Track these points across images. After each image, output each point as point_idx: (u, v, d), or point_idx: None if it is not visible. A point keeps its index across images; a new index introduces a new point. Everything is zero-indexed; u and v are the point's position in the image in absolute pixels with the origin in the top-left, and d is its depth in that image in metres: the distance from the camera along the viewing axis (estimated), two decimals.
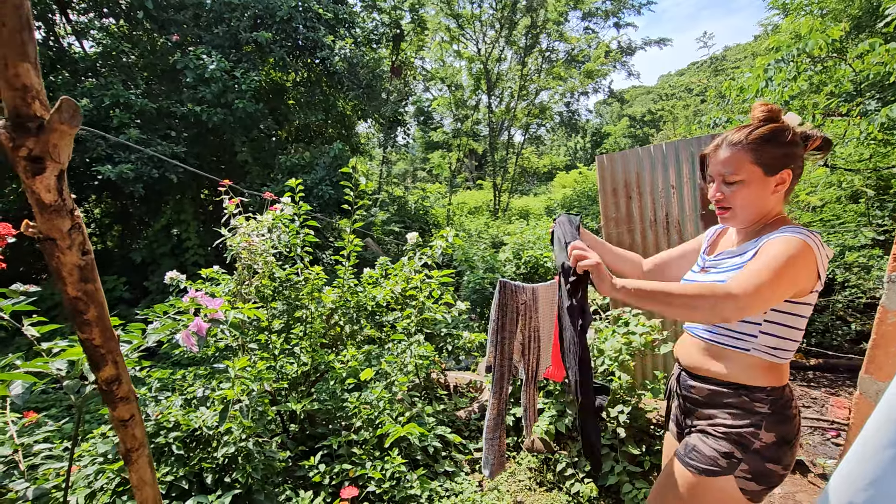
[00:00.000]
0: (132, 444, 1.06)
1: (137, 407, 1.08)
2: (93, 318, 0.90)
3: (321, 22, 8.47)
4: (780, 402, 1.14)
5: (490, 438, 1.94)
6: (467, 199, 17.47)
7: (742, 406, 1.15)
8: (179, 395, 2.24)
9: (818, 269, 1.07)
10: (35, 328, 1.43)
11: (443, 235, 2.98)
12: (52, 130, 0.72)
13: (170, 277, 2.61)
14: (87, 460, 1.89)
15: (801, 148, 1.15)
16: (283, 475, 2.38)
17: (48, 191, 0.76)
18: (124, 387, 1.02)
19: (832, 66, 4.97)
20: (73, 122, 0.73)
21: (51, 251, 0.81)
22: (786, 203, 1.23)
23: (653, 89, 34.76)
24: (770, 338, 1.13)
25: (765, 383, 1.14)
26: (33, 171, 0.73)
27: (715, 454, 1.15)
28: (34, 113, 0.70)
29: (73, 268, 0.84)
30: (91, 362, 0.96)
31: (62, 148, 0.75)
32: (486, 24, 15.41)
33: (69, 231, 0.81)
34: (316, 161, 8.47)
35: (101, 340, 0.93)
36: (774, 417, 1.13)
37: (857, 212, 5.22)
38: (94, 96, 6.54)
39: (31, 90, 0.69)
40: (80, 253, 0.84)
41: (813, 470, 2.75)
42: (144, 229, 8.44)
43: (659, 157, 3.55)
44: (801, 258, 1.05)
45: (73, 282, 0.85)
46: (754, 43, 19.88)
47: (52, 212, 0.78)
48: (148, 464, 1.11)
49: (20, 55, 0.67)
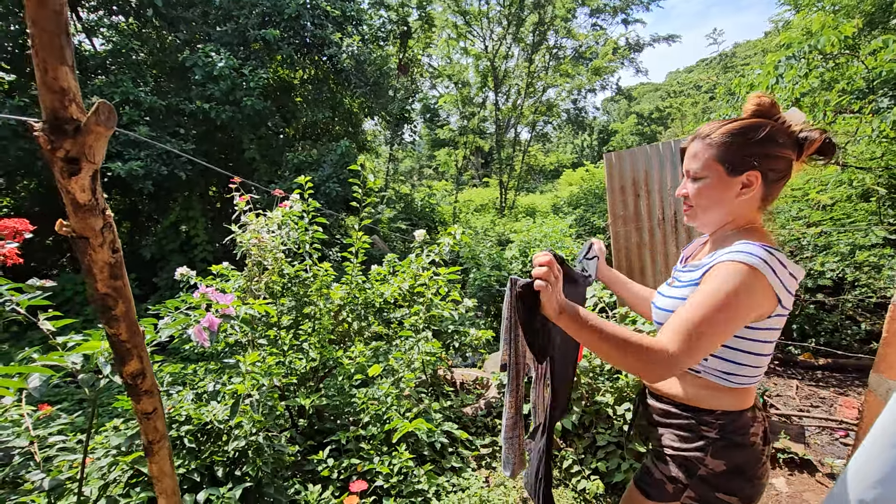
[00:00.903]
0: (154, 437, 1.09)
1: (160, 400, 1.11)
2: (121, 314, 0.92)
3: (329, 19, 8.49)
4: (730, 428, 1.04)
5: (509, 437, 1.95)
6: (473, 196, 17.45)
7: (689, 428, 1.08)
8: (191, 390, 2.27)
9: (775, 292, 0.94)
10: (50, 322, 1.46)
11: (450, 233, 2.99)
12: (88, 132, 0.73)
13: (180, 273, 2.64)
14: (100, 452, 1.92)
15: (787, 149, 1.01)
16: (292, 469, 2.41)
17: (83, 191, 0.77)
18: (148, 381, 1.05)
19: (844, 62, 4.92)
20: (109, 123, 0.75)
21: (83, 249, 0.83)
22: (763, 212, 1.09)
23: (661, 86, 34.50)
24: (722, 362, 1.03)
25: (715, 406, 1.06)
26: (70, 172, 0.74)
27: (662, 478, 1.10)
28: (71, 115, 0.72)
29: (103, 265, 0.86)
30: (117, 356, 0.98)
31: (97, 149, 0.76)
32: (493, 21, 15.36)
33: (101, 229, 0.83)
34: (323, 158, 8.51)
35: (128, 335, 0.96)
36: (722, 443, 1.03)
37: (868, 210, 5.17)
38: (104, 94, 6.60)
39: (68, 93, 0.71)
40: (110, 251, 0.86)
41: (821, 469, 2.74)
42: (153, 226, 8.53)
43: (668, 155, 3.53)
44: (744, 290, 0.92)
45: (103, 278, 0.87)
46: (765, 39, 19.66)
47: (86, 211, 0.80)
48: (168, 456, 1.14)
49: (59, 59, 0.68)
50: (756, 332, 0.99)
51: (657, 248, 3.65)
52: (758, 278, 0.92)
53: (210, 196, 8.90)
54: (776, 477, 2.69)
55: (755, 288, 0.92)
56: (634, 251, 3.74)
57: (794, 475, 2.69)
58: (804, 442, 2.92)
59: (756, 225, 1.07)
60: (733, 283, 0.91)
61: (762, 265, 0.92)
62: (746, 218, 1.07)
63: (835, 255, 4.67)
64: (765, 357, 1.02)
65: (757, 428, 1.05)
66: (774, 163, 1.00)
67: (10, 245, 1.51)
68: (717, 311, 0.90)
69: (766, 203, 1.06)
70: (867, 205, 5.29)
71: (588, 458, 2.69)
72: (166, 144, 6.73)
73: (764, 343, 1.00)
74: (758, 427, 1.06)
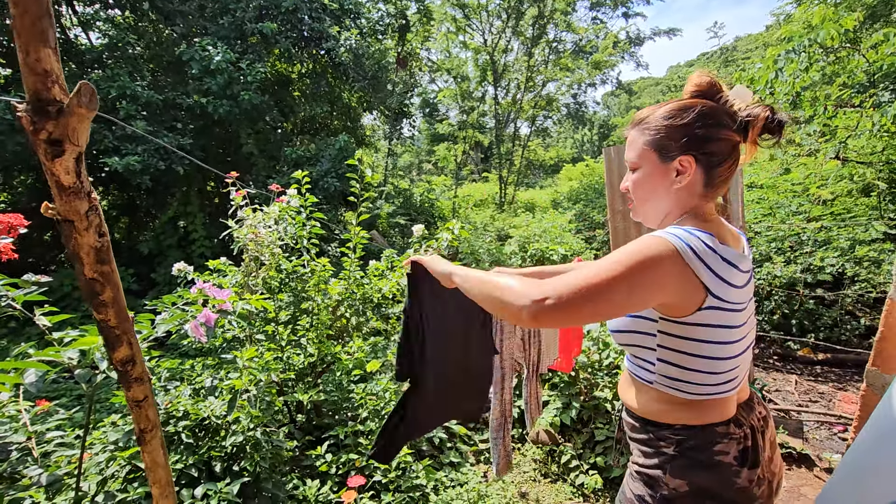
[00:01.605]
0: (145, 425, 1.08)
1: (150, 388, 1.11)
2: (108, 300, 0.92)
3: (327, 13, 8.43)
4: (688, 444, 0.91)
5: (495, 438, 1.95)
6: (473, 191, 17.41)
7: (649, 444, 0.97)
8: (188, 385, 2.26)
9: (697, 277, 0.81)
10: (46, 318, 1.45)
11: (449, 228, 2.98)
12: (71, 114, 0.73)
13: (177, 269, 2.62)
14: (98, 448, 1.92)
15: (726, 130, 0.90)
16: (290, 464, 2.41)
17: (67, 173, 0.78)
18: (138, 367, 1.04)
19: (845, 56, 4.89)
20: (91, 105, 0.75)
21: (69, 233, 0.83)
22: (709, 199, 0.96)
23: (661, 80, 34.36)
24: (667, 366, 0.92)
25: (672, 420, 0.94)
26: (53, 154, 0.75)
27: (632, 497, 0.98)
28: (54, 97, 0.72)
29: (90, 249, 0.86)
30: (106, 343, 0.98)
31: (81, 131, 0.77)
32: (492, 15, 15.27)
33: (87, 213, 0.83)
34: (321, 153, 8.48)
35: (117, 321, 0.96)
36: (682, 462, 0.91)
37: (868, 205, 5.16)
38: (101, 88, 6.56)
39: (51, 75, 0.71)
40: (96, 234, 0.86)
41: (819, 464, 2.74)
42: (151, 221, 8.51)
43: None
44: (650, 260, 0.79)
45: (90, 262, 0.87)
46: (766, 33, 19.56)
47: (71, 194, 0.80)
48: (160, 446, 1.14)
49: (41, 41, 0.69)
50: (692, 330, 0.87)
51: None
52: (670, 254, 0.80)
53: (208, 191, 8.87)
54: None
55: (664, 262, 0.80)
56: None
57: (792, 470, 2.70)
58: (803, 437, 2.92)
59: (698, 211, 0.95)
60: (639, 248, 0.81)
61: (678, 242, 0.81)
62: (688, 207, 0.95)
63: (835, 250, 4.66)
64: (720, 362, 0.89)
65: (728, 446, 0.91)
66: (712, 145, 0.90)
67: (4, 240, 1.50)
68: (623, 268, 0.78)
69: (711, 189, 0.94)
70: (867, 199, 5.28)
71: (587, 452, 2.70)
72: (163, 139, 6.70)
73: (711, 344, 0.87)
74: (730, 445, 0.91)
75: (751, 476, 0.91)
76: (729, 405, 0.95)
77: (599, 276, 0.77)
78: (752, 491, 0.91)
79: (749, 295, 0.92)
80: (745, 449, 0.93)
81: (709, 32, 56.11)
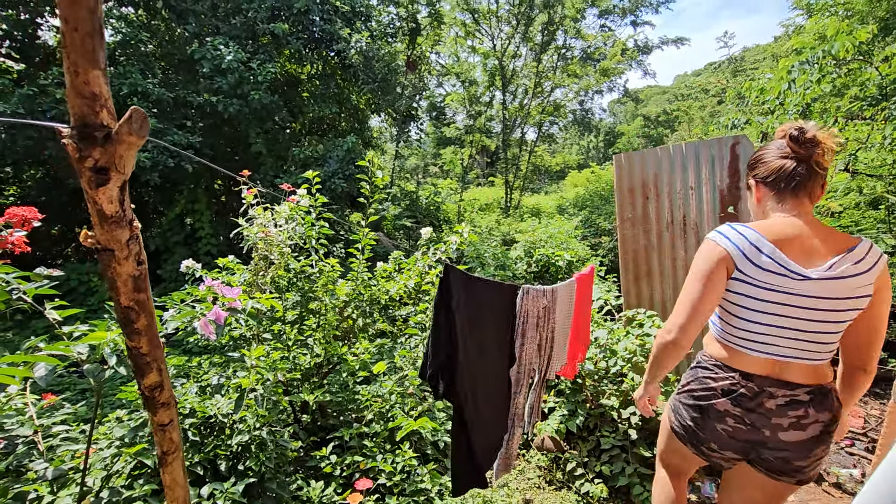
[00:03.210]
0: (168, 448, 1.06)
1: (176, 411, 1.08)
2: (143, 328, 0.89)
3: (338, 14, 8.47)
4: (700, 361, 1.39)
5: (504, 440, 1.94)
6: (478, 195, 17.41)
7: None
8: (195, 383, 2.26)
9: (728, 254, 1.21)
10: (56, 312, 1.45)
11: (458, 231, 2.97)
12: (119, 142, 0.68)
13: (185, 266, 2.62)
14: (104, 443, 1.91)
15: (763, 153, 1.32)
16: (294, 465, 2.40)
17: (111, 202, 0.73)
18: (166, 393, 1.02)
19: (857, 69, 4.87)
20: (142, 132, 0.70)
21: (107, 262, 0.79)
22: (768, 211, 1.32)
23: (668, 89, 34.30)
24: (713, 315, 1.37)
25: (706, 348, 1.40)
26: (97, 182, 0.70)
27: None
28: (101, 122, 0.67)
29: (127, 278, 0.82)
30: (136, 369, 0.95)
31: (128, 159, 0.72)
32: (502, 20, 15.30)
33: (128, 241, 0.79)
34: (329, 154, 8.49)
35: (149, 349, 0.93)
36: (691, 371, 1.41)
37: (876, 218, 5.12)
38: (112, 85, 6.60)
39: (100, 98, 0.66)
40: (135, 263, 0.82)
41: (827, 479, 2.71)
42: (158, 218, 8.53)
43: (678, 158, 3.50)
44: (701, 257, 1.25)
45: (126, 291, 0.83)
46: (774, 44, 19.53)
47: (113, 223, 0.75)
48: (181, 467, 1.12)
49: (91, 62, 0.63)
50: (726, 294, 1.26)
51: (665, 252, 3.62)
52: (709, 245, 1.25)
53: (215, 189, 8.90)
54: None
55: (708, 253, 1.24)
56: (642, 254, 3.71)
57: None
58: None
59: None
60: (698, 257, 1.27)
61: (715, 234, 1.26)
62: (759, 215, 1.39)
63: None
64: (738, 320, 1.26)
65: (721, 379, 1.28)
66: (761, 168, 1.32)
67: (18, 233, 1.51)
68: (690, 285, 1.26)
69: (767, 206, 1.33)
70: (876, 212, 5.24)
71: (592, 461, 2.67)
72: (173, 136, 6.73)
73: (733, 305, 1.26)
74: (723, 380, 1.28)
75: (726, 406, 1.27)
76: (744, 360, 1.27)
77: (686, 303, 1.26)
78: (716, 406, 1.28)
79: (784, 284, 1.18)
80: (735, 392, 1.26)
81: (718, 42, 55.95)
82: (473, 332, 1.40)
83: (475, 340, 1.41)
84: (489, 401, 1.52)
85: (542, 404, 2.88)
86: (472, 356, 1.39)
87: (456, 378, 1.33)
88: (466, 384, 1.37)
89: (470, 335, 1.38)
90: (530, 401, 2.19)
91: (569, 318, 2.31)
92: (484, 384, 1.47)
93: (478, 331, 1.42)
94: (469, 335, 1.37)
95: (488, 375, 1.51)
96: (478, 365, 1.44)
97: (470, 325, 1.38)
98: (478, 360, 1.43)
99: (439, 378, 1.32)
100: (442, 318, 1.29)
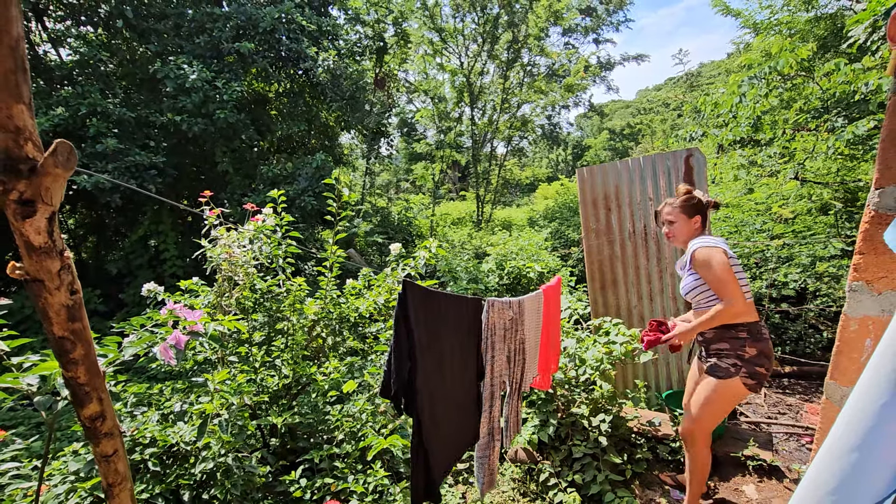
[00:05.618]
0: (114, 479, 1.03)
1: (122, 441, 1.05)
2: (79, 357, 0.87)
3: (304, 34, 8.49)
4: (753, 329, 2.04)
5: (481, 457, 1.94)
6: (451, 210, 17.52)
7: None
8: (156, 410, 2.18)
9: (723, 248, 2.03)
10: (4, 342, 1.39)
11: (426, 246, 3.00)
12: (45, 174, 0.68)
13: (147, 289, 2.56)
14: (57, 479, 1.82)
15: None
16: (263, 491, 2.34)
17: (38, 233, 0.73)
18: (108, 422, 0.99)
19: (801, 83, 5.18)
20: (68, 164, 0.70)
21: (38, 292, 0.78)
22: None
23: (631, 103, 35.56)
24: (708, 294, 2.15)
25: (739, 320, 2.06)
26: (23, 215, 0.70)
27: (727, 366, 2.05)
28: (27, 155, 0.68)
29: (60, 308, 0.81)
30: (75, 399, 0.92)
31: (55, 191, 0.72)
32: (468, 39, 15.63)
33: (59, 272, 0.78)
34: (298, 172, 8.43)
35: (87, 378, 0.90)
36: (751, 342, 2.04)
37: (826, 223, 5.41)
38: (71, 105, 6.42)
39: (24, 132, 0.67)
40: (68, 293, 0.81)
41: (788, 475, 2.81)
42: (120, 240, 8.26)
43: (637, 171, 3.64)
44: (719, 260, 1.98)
45: (60, 322, 0.82)
46: (728, 60, 20.56)
47: (42, 254, 0.75)
48: (130, 497, 1.08)
49: (15, 96, 0.65)
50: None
51: (629, 261, 3.72)
52: (718, 251, 2.01)
53: (180, 210, 8.68)
54: (746, 484, 2.74)
55: (721, 256, 1.99)
56: (607, 263, 3.81)
57: (763, 482, 2.76)
58: (772, 449, 2.99)
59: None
60: (715, 255, 2.00)
61: (717, 244, 2.04)
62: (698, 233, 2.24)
63: (797, 266, 4.86)
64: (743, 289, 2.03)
65: (764, 329, 2.11)
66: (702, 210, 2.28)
67: None
68: (721, 271, 1.97)
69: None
70: (826, 217, 5.54)
71: (565, 470, 2.70)
72: (136, 156, 6.56)
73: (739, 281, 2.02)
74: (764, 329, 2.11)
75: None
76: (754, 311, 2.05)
77: (722, 276, 1.97)
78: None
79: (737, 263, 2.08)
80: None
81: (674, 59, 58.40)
82: (433, 347, 1.41)
83: (434, 355, 1.42)
84: (449, 415, 1.52)
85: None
86: (430, 371, 1.40)
87: (416, 394, 1.34)
88: (425, 399, 1.38)
89: (429, 350, 1.39)
90: (505, 413, 2.21)
91: (538, 329, 2.35)
92: (442, 399, 1.47)
93: (437, 344, 1.43)
94: (428, 349, 1.38)
95: (448, 390, 1.52)
96: (437, 379, 1.45)
97: (429, 339, 1.39)
98: (437, 375, 1.44)
99: (401, 395, 1.32)
100: (402, 333, 1.30)
